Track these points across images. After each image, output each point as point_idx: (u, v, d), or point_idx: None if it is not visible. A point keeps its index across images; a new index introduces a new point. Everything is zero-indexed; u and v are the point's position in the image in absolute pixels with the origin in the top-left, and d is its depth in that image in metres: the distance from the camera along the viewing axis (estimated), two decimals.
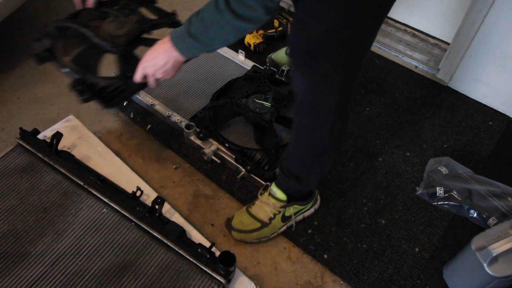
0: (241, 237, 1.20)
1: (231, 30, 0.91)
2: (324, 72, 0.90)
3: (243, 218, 1.21)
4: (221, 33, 0.92)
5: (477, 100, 1.59)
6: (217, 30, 0.92)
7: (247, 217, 1.20)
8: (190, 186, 1.34)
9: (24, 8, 1.89)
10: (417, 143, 1.46)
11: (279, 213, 1.18)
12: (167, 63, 1.03)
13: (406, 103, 1.59)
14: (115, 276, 1.05)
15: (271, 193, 1.19)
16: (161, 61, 1.04)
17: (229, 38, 0.95)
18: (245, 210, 1.22)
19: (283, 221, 1.20)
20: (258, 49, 1.75)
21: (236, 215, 1.22)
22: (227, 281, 1.05)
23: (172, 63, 1.03)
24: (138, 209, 1.16)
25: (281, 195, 1.17)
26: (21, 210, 1.15)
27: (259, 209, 1.20)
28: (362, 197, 1.32)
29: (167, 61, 1.03)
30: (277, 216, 1.18)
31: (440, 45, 1.78)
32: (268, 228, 1.19)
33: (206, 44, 0.96)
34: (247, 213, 1.21)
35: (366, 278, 1.15)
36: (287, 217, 1.20)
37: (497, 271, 0.99)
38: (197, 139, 1.38)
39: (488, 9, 1.38)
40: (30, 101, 1.56)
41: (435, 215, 1.28)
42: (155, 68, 1.05)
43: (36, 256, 1.07)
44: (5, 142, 1.42)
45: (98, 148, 1.37)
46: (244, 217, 1.21)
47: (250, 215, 1.20)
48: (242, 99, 1.41)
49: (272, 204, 1.18)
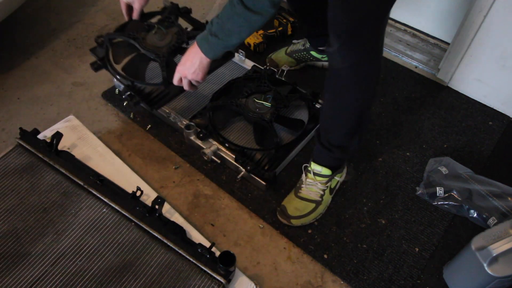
0: (301, 222, 1.23)
1: (243, 22, 1.04)
2: (370, 45, 0.99)
3: (297, 204, 1.24)
4: (235, 27, 1.05)
5: (477, 100, 1.59)
6: (231, 24, 1.05)
7: (300, 202, 1.24)
8: (190, 186, 1.34)
9: (24, 8, 1.89)
10: (417, 143, 1.46)
11: (327, 188, 1.24)
12: (194, 64, 1.17)
13: (406, 103, 1.59)
14: (115, 276, 1.05)
15: (315, 172, 1.23)
16: (190, 63, 1.18)
17: (242, 32, 1.08)
18: (295, 197, 1.25)
19: (331, 194, 1.28)
20: (258, 49, 1.75)
21: (287, 204, 1.24)
22: (227, 281, 1.05)
23: (198, 64, 1.17)
24: (138, 209, 1.16)
25: (326, 171, 1.23)
26: (21, 210, 1.15)
27: (308, 191, 1.24)
28: (362, 197, 1.32)
29: (194, 62, 1.17)
30: (325, 191, 1.25)
31: (440, 45, 1.78)
32: (322, 205, 1.25)
33: (224, 40, 1.09)
34: (298, 199, 1.24)
35: (366, 278, 1.15)
36: (333, 189, 1.28)
37: (497, 271, 0.99)
38: (197, 139, 1.38)
39: (488, 9, 1.38)
40: (30, 101, 1.56)
41: (435, 215, 1.28)
42: (186, 70, 1.19)
43: (36, 256, 1.07)
44: (5, 142, 1.42)
45: (98, 148, 1.37)
46: (296, 203, 1.24)
47: (302, 199, 1.24)
48: (242, 99, 1.41)
49: (319, 182, 1.23)
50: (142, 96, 1.30)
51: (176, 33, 1.38)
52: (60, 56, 1.73)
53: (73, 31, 1.84)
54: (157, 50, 1.34)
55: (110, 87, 1.60)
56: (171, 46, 1.35)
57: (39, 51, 1.75)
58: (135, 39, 1.35)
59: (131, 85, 1.32)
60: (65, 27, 1.85)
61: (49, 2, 1.97)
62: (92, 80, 1.64)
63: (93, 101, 1.57)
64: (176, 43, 1.36)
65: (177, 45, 1.36)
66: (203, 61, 1.17)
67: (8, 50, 1.74)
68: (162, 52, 1.33)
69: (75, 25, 1.86)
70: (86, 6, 1.96)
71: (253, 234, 1.24)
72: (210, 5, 1.98)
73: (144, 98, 1.31)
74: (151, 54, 1.34)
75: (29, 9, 1.92)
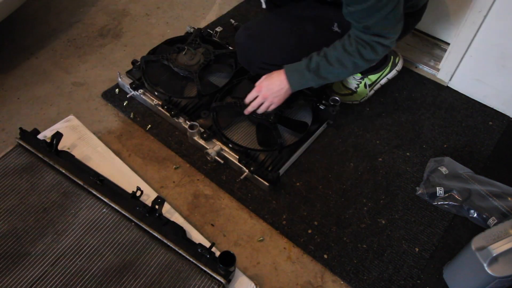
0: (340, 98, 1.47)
1: (351, 66, 1.19)
2: None
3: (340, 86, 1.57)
4: (341, 69, 1.19)
5: (477, 100, 1.59)
6: (339, 65, 1.18)
7: (342, 86, 1.57)
8: (190, 186, 1.34)
9: (24, 8, 1.89)
10: (417, 143, 1.46)
11: (360, 83, 1.53)
12: (280, 90, 1.27)
13: (406, 103, 1.59)
14: (115, 276, 1.05)
15: None
16: (276, 88, 1.27)
17: (343, 74, 1.25)
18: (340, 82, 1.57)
19: (366, 87, 1.54)
20: None
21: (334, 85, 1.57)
22: (227, 281, 1.05)
23: (283, 91, 1.27)
24: (138, 209, 1.16)
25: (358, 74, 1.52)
26: (21, 210, 1.15)
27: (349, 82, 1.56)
28: (362, 197, 1.32)
29: (281, 88, 1.26)
30: (360, 85, 1.53)
31: (440, 45, 1.78)
32: (356, 94, 1.55)
33: (321, 77, 1.22)
34: (342, 84, 1.57)
35: (366, 278, 1.15)
36: (369, 85, 1.54)
37: (497, 271, 0.99)
38: (201, 139, 1.38)
39: (488, 9, 1.38)
40: (30, 101, 1.56)
41: (435, 215, 1.28)
42: (270, 92, 1.28)
43: (36, 256, 1.07)
44: (5, 142, 1.42)
45: (98, 148, 1.37)
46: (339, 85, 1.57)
47: (343, 85, 1.57)
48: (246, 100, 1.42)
49: (353, 77, 1.54)
50: (179, 109, 1.46)
51: (203, 53, 1.56)
52: (60, 56, 1.73)
53: (73, 31, 1.84)
54: (189, 68, 1.51)
55: (110, 87, 1.60)
56: (200, 64, 1.53)
57: (39, 51, 1.75)
58: (168, 60, 1.53)
59: (169, 99, 1.47)
60: (65, 27, 1.85)
61: (49, 2, 1.97)
62: (92, 80, 1.64)
63: (93, 101, 1.57)
64: (205, 61, 1.54)
65: (206, 63, 1.53)
66: (287, 90, 1.27)
67: (8, 50, 1.74)
68: (194, 69, 1.51)
69: (75, 25, 1.86)
70: (86, 6, 1.96)
71: (253, 234, 1.24)
72: (210, 5, 1.99)
73: (182, 110, 1.46)
74: (184, 72, 1.51)
75: (29, 9, 1.92)
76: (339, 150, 1.44)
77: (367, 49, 1.14)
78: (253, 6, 1.96)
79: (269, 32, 1.36)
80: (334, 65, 1.18)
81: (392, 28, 1.13)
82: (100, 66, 1.70)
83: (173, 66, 1.52)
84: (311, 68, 1.21)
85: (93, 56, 1.74)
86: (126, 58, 1.72)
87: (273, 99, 1.29)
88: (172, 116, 1.43)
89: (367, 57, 1.16)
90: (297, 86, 1.27)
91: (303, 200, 1.30)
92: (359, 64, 1.18)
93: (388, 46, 1.15)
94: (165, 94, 1.47)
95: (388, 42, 1.14)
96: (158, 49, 1.61)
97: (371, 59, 1.18)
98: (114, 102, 1.55)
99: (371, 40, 1.13)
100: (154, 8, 1.98)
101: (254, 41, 1.36)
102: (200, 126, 1.39)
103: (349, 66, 1.18)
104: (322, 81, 1.24)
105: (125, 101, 1.54)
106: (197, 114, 1.45)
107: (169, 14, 1.95)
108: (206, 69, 1.54)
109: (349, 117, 1.53)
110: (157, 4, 2.00)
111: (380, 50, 1.15)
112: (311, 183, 1.35)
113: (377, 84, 1.56)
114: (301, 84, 1.26)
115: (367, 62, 1.18)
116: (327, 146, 1.44)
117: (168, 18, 1.92)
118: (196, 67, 1.51)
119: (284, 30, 1.34)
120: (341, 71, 1.21)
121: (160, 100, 1.48)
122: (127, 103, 1.54)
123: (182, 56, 1.54)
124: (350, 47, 1.16)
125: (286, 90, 1.27)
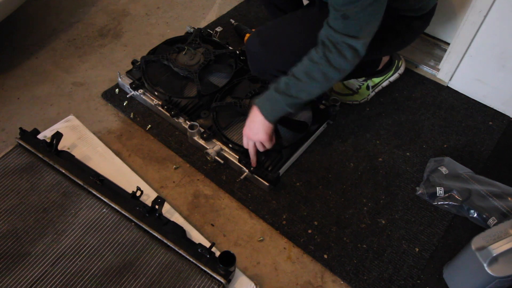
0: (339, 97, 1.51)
1: (321, 78, 1.09)
2: None
3: (341, 86, 1.59)
4: (310, 83, 1.10)
5: (477, 100, 1.59)
6: (308, 79, 1.09)
7: (343, 85, 1.59)
8: (190, 186, 1.34)
9: (24, 8, 1.89)
10: (417, 143, 1.46)
11: (363, 84, 1.55)
12: (257, 124, 1.20)
13: (406, 103, 1.59)
14: (115, 276, 1.05)
15: None
16: (253, 124, 1.21)
17: (314, 89, 1.12)
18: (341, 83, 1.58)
19: (368, 89, 1.56)
20: None
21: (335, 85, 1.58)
22: (227, 281, 1.05)
23: (261, 125, 1.19)
24: (138, 209, 1.16)
25: None
26: (21, 210, 1.15)
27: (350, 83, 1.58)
28: (362, 197, 1.32)
29: (256, 122, 1.20)
30: (362, 86, 1.55)
31: (440, 45, 1.78)
32: (357, 94, 1.56)
33: (292, 96, 1.12)
34: (342, 84, 1.59)
35: (366, 278, 1.15)
36: (372, 86, 1.57)
37: (497, 271, 0.99)
38: (201, 139, 1.38)
39: (488, 9, 1.38)
40: (30, 101, 1.56)
41: (435, 215, 1.28)
42: (251, 131, 1.23)
43: (36, 256, 1.07)
44: (5, 142, 1.42)
45: (98, 148, 1.37)
46: (340, 85, 1.59)
47: (344, 85, 1.59)
48: (246, 100, 1.42)
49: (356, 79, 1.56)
50: (179, 109, 1.46)
51: (203, 53, 1.56)
52: (60, 56, 1.73)
53: (73, 31, 1.84)
54: (189, 68, 1.51)
55: (110, 87, 1.60)
56: (200, 64, 1.53)
57: (39, 51, 1.75)
58: (168, 60, 1.52)
59: (168, 99, 1.47)
60: (65, 27, 1.85)
61: (49, 2, 1.97)
62: (92, 80, 1.64)
63: (93, 101, 1.57)
64: (205, 61, 1.54)
65: (206, 63, 1.53)
66: (265, 123, 1.19)
67: (8, 50, 1.74)
68: (194, 69, 1.50)
69: (75, 25, 1.86)
70: (86, 6, 1.96)
71: (253, 234, 1.24)
72: (210, 5, 1.99)
73: (182, 110, 1.46)
74: (184, 71, 1.51)
75: (29, 9, 1.92)
76: (339, 150, 1.44)
77: (334, 53, 1.04)
78: (253, 6, 1.96)
79: (283, 37, 1.27)
80: (302, 79, 1.10)
81: (366, 24, 1.03)
82: (100, 66, 1.70)
83: (173, 66, 1.51)
84: (280, 90, 1.13)
85: (93, 56, 1.74)
86: (126, 58, 1.72)
87: (256, 137, 1.22)
88: (172, 116, 1.43)
89: (335, 63, 1.06)
90: (272, 115, 1.17)
91: (303, 200, 1.30)
92: (329, 75, 1.08)
93: (357, 50, 1.04)
94: (165, 94, 1.47)
95: (358, 44, 1.03)
96: (158, 49, 1.60)
97: (340, 67, 1.07)
98: (114, 102, 1.55)
99: (340, 40, 1.03)
100: (154, 8, 1.98)
101: (268, 47, 1.27)
102: (200, 126, 1.39)
103: (318, 78, 1.08)
104: (296, 100, 1.13)
105: (125, 101, 1.54)
106: (197, 114, 1.46)
107: (169, 14, 1.95)
108: (206, 69, 1.54)
109: (349, 117, 1.53)
110: (157, 4, 2.00)
111: (349, 55, 1.04)
112: (311, 183, 1.35)
113: (378, 87, 1.58)
114: (275, 110, 1.17)
115: (336, 71, 1.07)
116: (327, 146, 1.44)
117: (168, 18, 1.93)
118: (196, 67, 1.51)
119: (300, 34, 1.25)
120: (311, 85, 1.11)
121: (160, 100, 1.48)
122: (127, 103, 1.54)
123: (182, 56, 1.55)
124: (316, 55, 1.07)
125: (263, 123, 1.18)
